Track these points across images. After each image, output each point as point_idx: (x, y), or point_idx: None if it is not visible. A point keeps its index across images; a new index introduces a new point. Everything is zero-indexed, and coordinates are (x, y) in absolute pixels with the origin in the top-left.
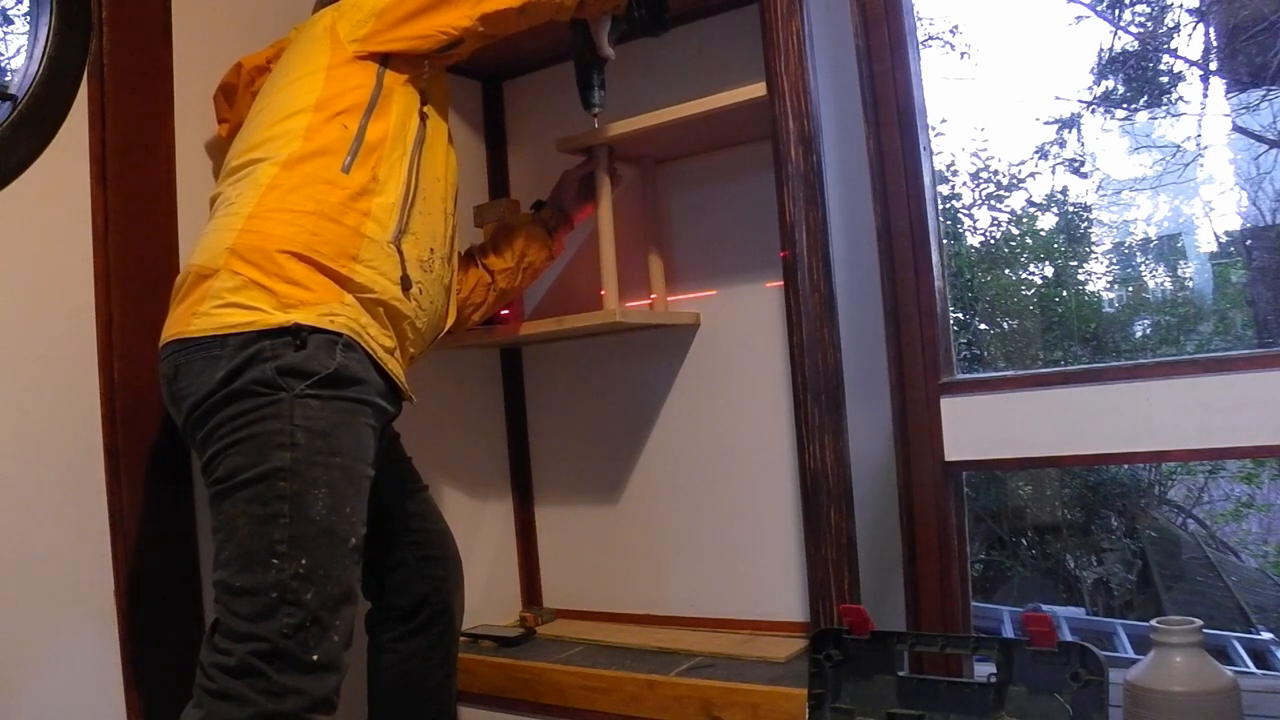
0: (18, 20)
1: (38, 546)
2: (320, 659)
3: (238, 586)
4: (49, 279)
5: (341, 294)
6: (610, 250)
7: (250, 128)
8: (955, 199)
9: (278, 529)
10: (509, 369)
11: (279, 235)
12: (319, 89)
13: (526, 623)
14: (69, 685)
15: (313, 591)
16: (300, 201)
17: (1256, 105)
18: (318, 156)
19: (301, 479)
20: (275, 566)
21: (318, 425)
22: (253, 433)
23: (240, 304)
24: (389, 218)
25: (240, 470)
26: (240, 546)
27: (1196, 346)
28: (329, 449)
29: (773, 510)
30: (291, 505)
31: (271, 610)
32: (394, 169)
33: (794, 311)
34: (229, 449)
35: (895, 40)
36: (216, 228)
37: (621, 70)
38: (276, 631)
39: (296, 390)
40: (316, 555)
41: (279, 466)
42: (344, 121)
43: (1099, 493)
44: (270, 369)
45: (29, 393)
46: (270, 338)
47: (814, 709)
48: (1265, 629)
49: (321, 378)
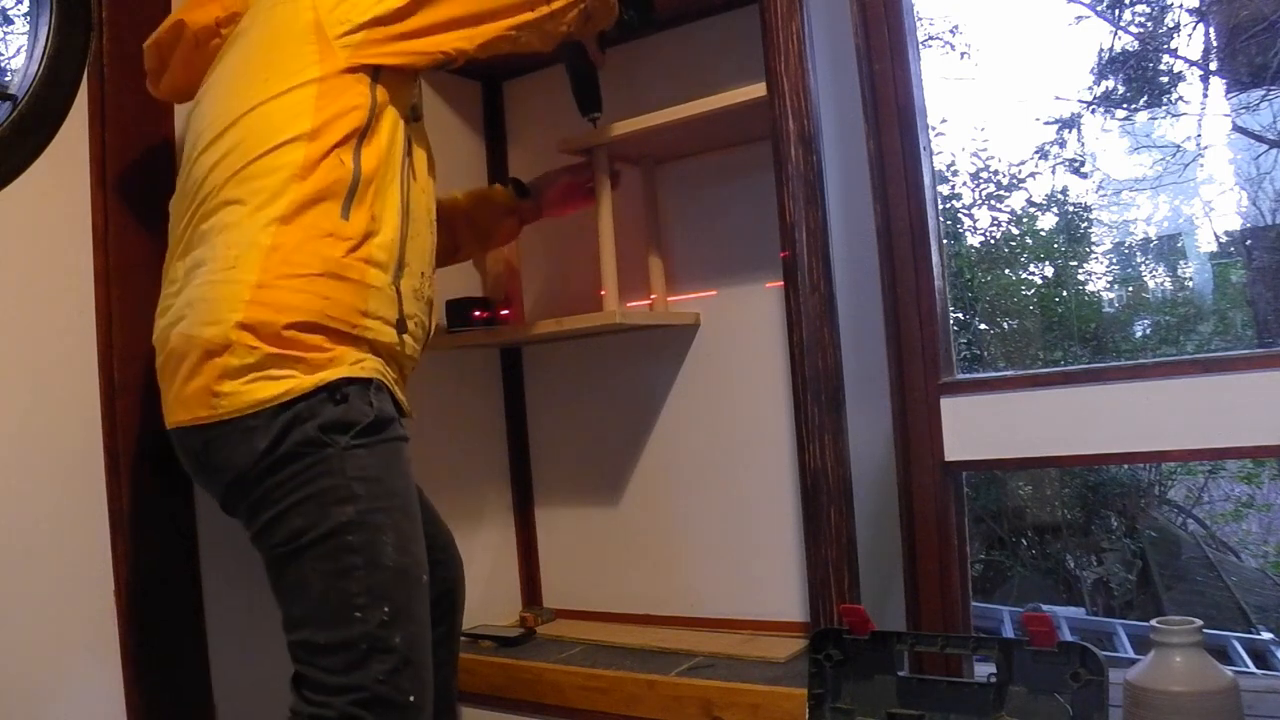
0: (18, 20)
1: (38, 546)
2: (415, 699)
3: (323, 644)
4: (49, 279)
5: (356, 346)
6: (610, 250)
7: (217, 131)
8: (955, 199)
9: (354, 582)
10: (509, 369)
11: (292, 306)
12: (311, 111)
13: (526, 623)
14: (69, 685)
15: (399, 635)
16: (306, 261)
17: (1256, 105)
18: (317, 203)
19: (367, 529)
20: (358, 619)
21: (371, 473)
22: (309, 493)
23: (269, 376)
24: (389, 258)
25: (304, 531)
26: (318, 605)
27: (1196, 346)
28: (386, 493)
29: (773, 510)
30: (363, 556)
31: (363, 660)
32: (388, 199)
33: (794, 311)
34: (287, 512)
35: (895, 40)
36: (216, 294)
37: (621, 70)
38: (372, 679)
39: (343, 443)
40: (396, 599)
41: (344, 521)
42: (341, 156)
43: (1099, 493)
44: (313, 428)
45: (29, 393)
46: (306, 399)
47: (814, 709)
48: (1265, 629)
49: (364, 426)
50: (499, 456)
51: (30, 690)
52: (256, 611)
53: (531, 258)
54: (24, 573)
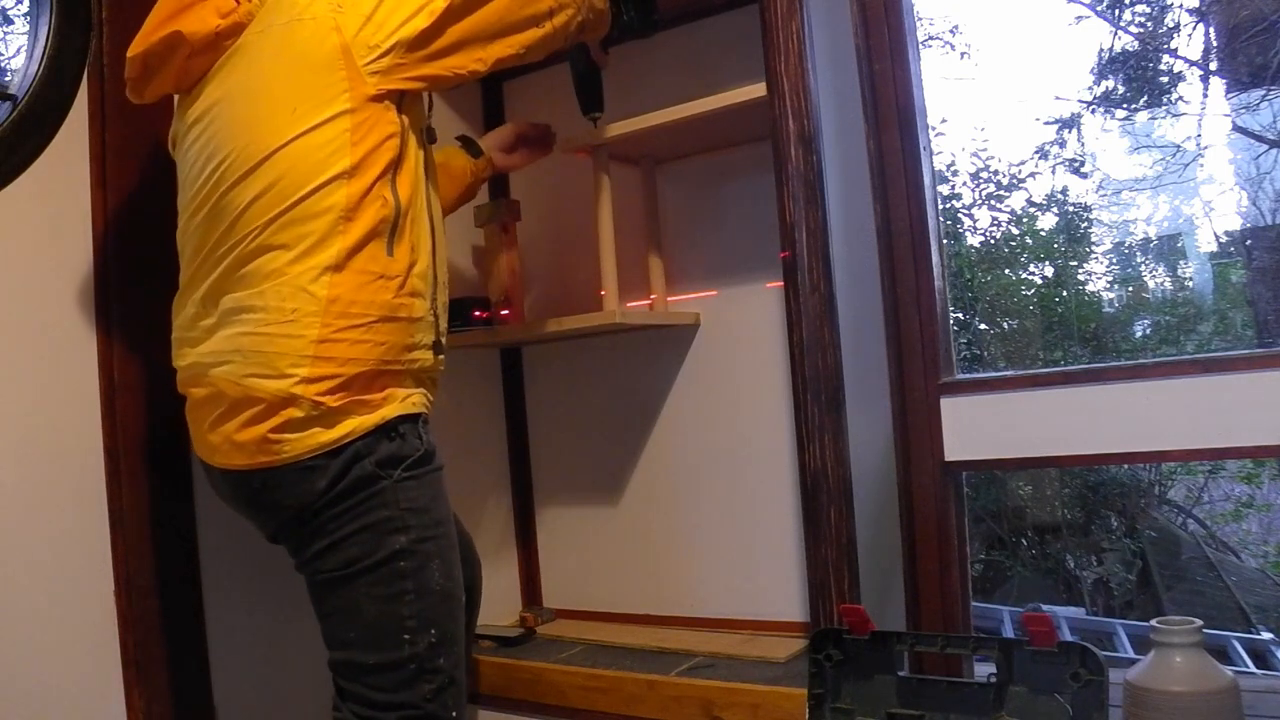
0: (18, 20)
1: (38, 546)
2: (457, 715)
3: (372, 664)
4: (49, 279)
5: (403, 379)
6: (610, 250)
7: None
8: (955, 199)
9: (405, 606)
10: (509, 369)
11: (354, 359)
12: (349, 146)
13: (526, 623)
14: (69, 686)
15: (444, 656)
16: (363, 311)
17: (1256, 105)
18: (365, 245)
19: (418, 556)
20: (408, 641)
21: (420, 504)
22: (365, 524)
23: (330, 423)
24: (426, 285)
25: (359, 559)
26: (369, 628)
27: (1196, 346)
28: (433, 522)
29: (773, 510)
30: (414, 582)
31: (413, 680)
32: (422, 225)
33: (794, 311)
34: (342, 542)
35: (895, 40)
36: (272, 347)
37: (621, 70)
38: (421, 698)
39: (395, 476)
40: (442, 623)
41: (397, 549)
42: (382, 193)
43: (1099, 493)
44: (370, 464)
45: (29, 392)
46: (364, 439)
47: (814, 709)
48: (1265, 629)
49: (414, 459)
50: (499, 456)
51: (30, 690)
52: (257, 612)
53: (531, 258)
54: (24, 573)
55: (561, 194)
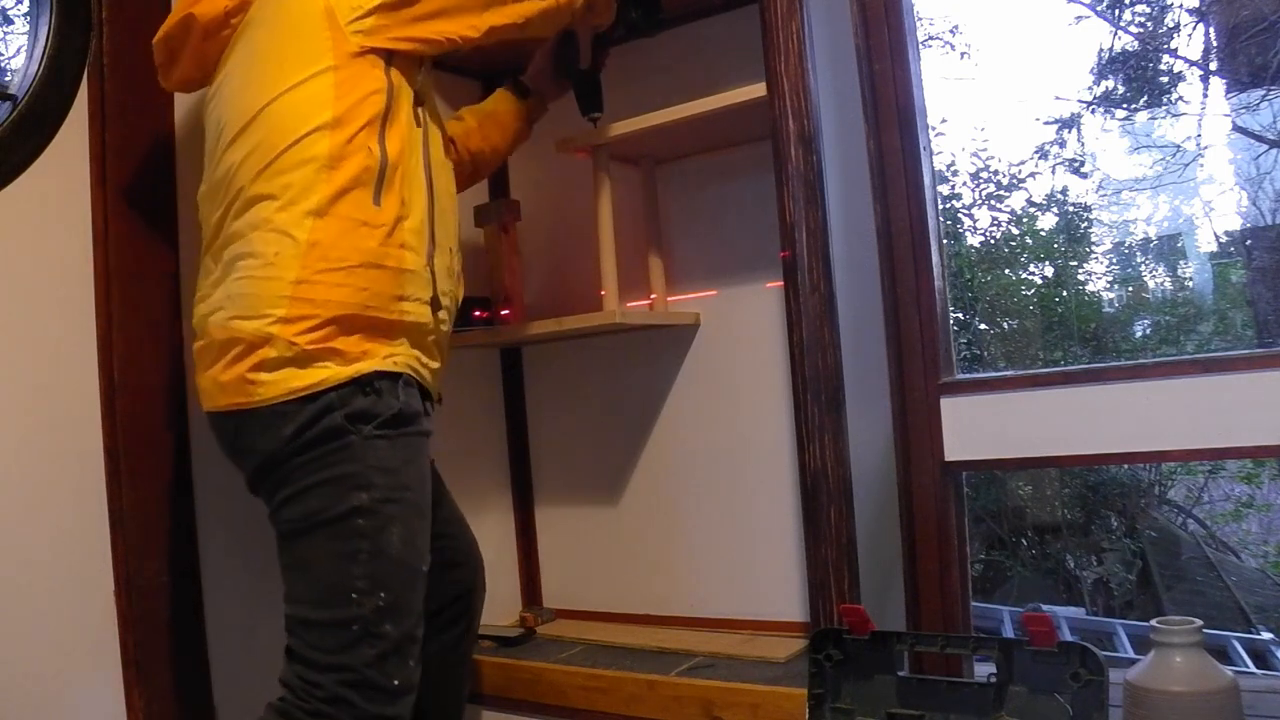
0: (18, 20)
1: (38, 546)
2: (400, 684)
3: (316, 620)
4: (49, 279)
5: (392, 334)
6: (610, 250)
7: (240, 126)
8: (955, 199)
9: (357, 565)
10: (509, 369)
11: (333, 301)
12: (332, 99)
13: (526, 623)
14: (69, 685)
15: (391, 622)
16: (344, 255)
17: (1256, 105)
18: (349, 193)
19: (378, 516)
20: (355, 601)
21: (389, 464)
22: (328, 476)
23: (304, 368)
24: (420, 241)
25: (318, 512)
26: (318, 583)
27: (1196, 346)
28: (399, 485)
29: (773, 510)
30: (370, 542)
31: (355, 643)
32: (415, 182)
33: (794, 311)
34: (304, 492)
35: (895, 40)
36: (256, 289)
37: (621, 70)
38: (362, 662)
39: (366, 433)
40: (394, 589)
41: (357, 506)
42: (367, 144)
43: (1099, 493)
44: (340, 416)
45: (29, 393)
46: (337, 390)
47: (814, 709)
48: (1265, 629)
49: (387, 419)
50: (499, 456)
51: (30, 691)
52: (257, 612)
53: (531, 258)
54: (24, 573)
55: (561, 194)
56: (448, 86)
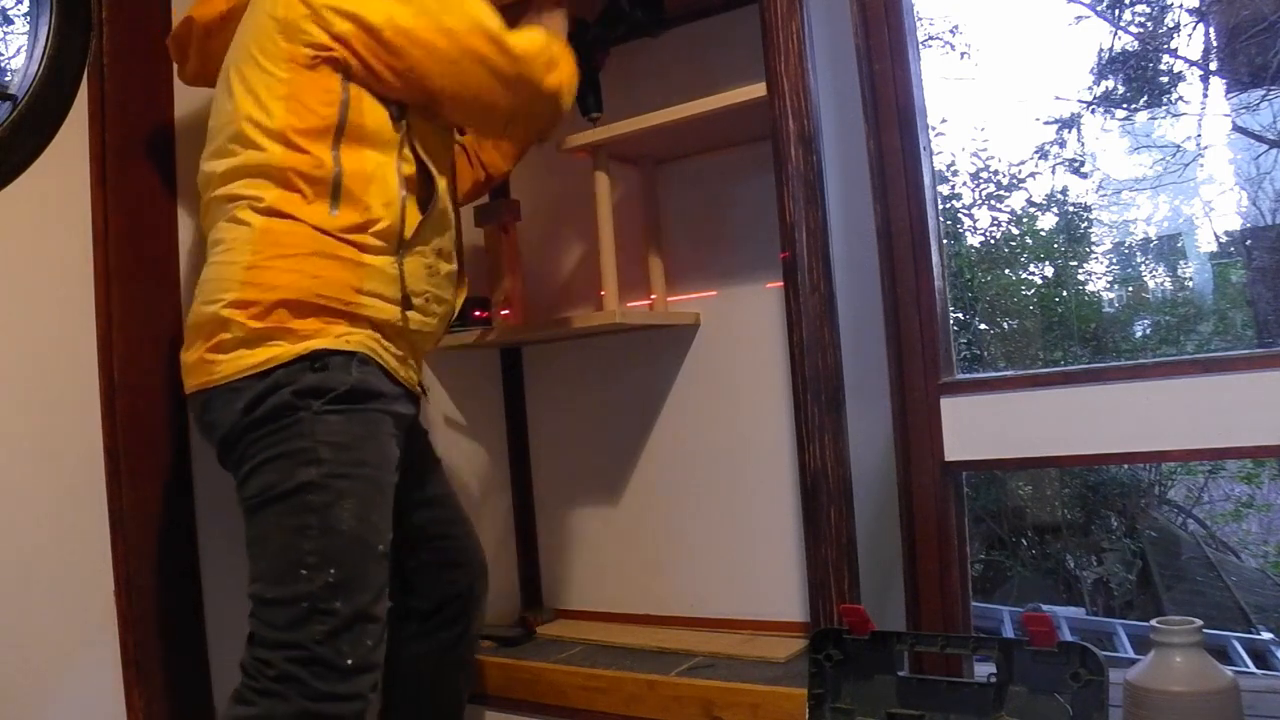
0: (18, 20)
1: (38, 546)
2: (354, 662)
3: (269, 598)
4: (49, 279)
5: (351, 321)
6: (610, 250)
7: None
8: (955, 199)
9: (307, 540)
10: (509, 369)
11: (280, 285)
12: (281, 110)
13: (526, 623)
14: (69, 685)
15: (342, 599)
16: (296, 243)
17: (1256, 105)
18: (300, 198)
19: (328, 491)
20: (304, 578)
21: (340, 439)
22: (280, 452)
23: (249, 348)
24: (389, 242)
25: (271, 487)
26: (272, 559)
27: (1196, 346)
28: (353, 460)
29: (773, 510)
30: (319, 518)
31: (304, 619)
32: (382, 190)
33: (794, 311)
34: (259, 468)
35: (895, 40)
36: (217, 274)
37: (621, 70)
38: (310, 639)
39: (315, 408)
40: (345, 565)
41: (306, 481)
42: (318, 155)
43: (1099, 493)
44: (288, 393)
45: (29, 393)
46: (285, 367)
47: (814, 709)
48: (1265, 629)
49: (339, 394)
50: (499, 456)
51: (30, 690)
52: None
53: (531, 258)
54: (24, 572)
55: (561, 194)
56: None
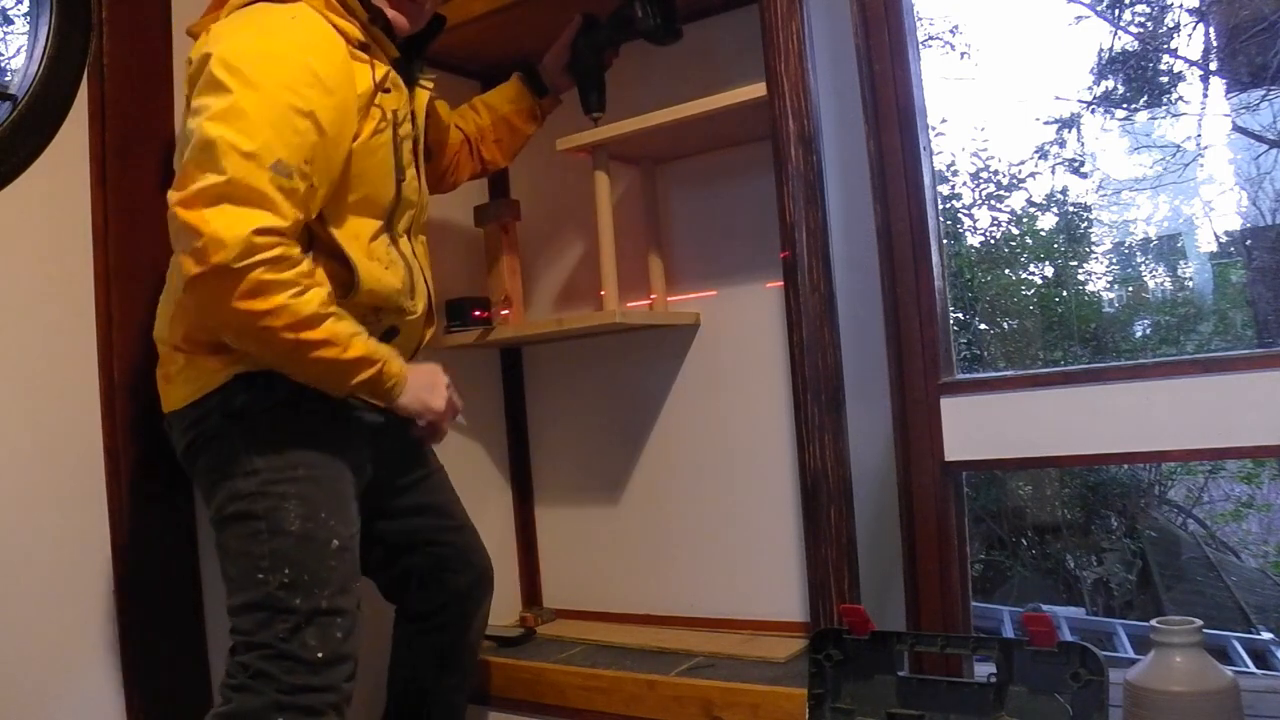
0: (18, 20)
1: (38, 546)
2: (325, 655)
3: (237, 604)
4: (49, 279)
5: None
6: (610, 250)
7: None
8: (955, 199)
9: (259, 545)
10: (509, 369)
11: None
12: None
13: (526, 623)
14: (69, 685)
15: (300, 597)
16: None
17: (1256, 105)
18: None
19: (270, 497)
20: (262, 581)
21: (273, 446)
22: (223, 473)
23: (186, 379)
24: None
25: (222, 505)
26: (234, 569)
27: (1196, 346)
28: (288, 464)
29: (773, 510)
30: (267, 523)
31: (269, 621)
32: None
33: (794, 311)
34: (211, 489)
35: (895, 40)
36: (162, 303)
37: (622, 70)
38: (276, 638)
39: (246, 423)
40: (297, 564)
41: (249, 492)
42: None
43: (1099, 493)
44: (217, 417)
45: (29, 393)
46: (219, 391)
47: (814, 709)
48: (1265, 629)
49: (267, 406)
50: (499, 456)
51: (30, 690)
52: None
53: (531, 258)
54: (24, 572)
55: (561, 194)
56: (448, 87)
